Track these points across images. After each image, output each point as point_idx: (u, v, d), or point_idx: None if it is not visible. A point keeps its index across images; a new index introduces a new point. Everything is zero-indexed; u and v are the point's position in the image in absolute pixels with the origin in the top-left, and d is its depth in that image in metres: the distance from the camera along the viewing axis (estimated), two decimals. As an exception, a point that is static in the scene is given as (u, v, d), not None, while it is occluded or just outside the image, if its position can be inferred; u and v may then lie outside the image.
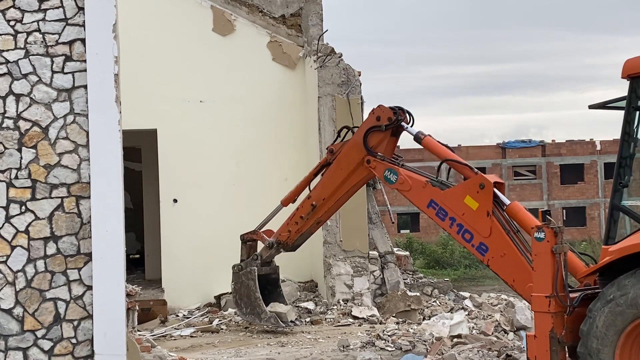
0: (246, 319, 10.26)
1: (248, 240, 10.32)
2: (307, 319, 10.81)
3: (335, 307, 11.71)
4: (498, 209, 7.44)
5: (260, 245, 10.34)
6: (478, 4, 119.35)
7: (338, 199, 9.00)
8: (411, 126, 8.39)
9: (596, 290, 6.74)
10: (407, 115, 8.40)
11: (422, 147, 8.37)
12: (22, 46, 7.21)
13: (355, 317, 11.07)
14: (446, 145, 8.17)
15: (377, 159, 8.29)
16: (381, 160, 8.26)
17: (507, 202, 7.48)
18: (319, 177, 9.35)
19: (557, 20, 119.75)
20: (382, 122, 8.32)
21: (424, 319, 11.12)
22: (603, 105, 7.17)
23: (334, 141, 9.21)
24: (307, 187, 9.42)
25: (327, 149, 9.13)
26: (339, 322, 10.99)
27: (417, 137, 8.22)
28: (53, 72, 7.22)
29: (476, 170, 7.70)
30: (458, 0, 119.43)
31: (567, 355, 6.73)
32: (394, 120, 8.27)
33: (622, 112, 6.75)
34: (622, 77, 6.67)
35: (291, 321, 10.16)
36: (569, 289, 6.76)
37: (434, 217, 7.78)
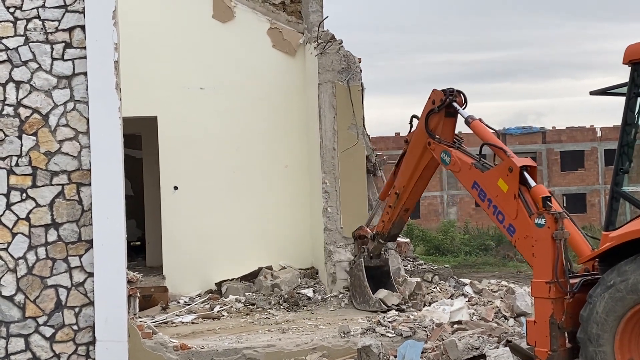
0: (360, 308, 10.66)
1: (358, 237, 10.84)
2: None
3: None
4: (528, 192, 7.57)
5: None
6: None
7: (415, 185, 9.35)
8: (464, 108, 8.63)
9: (596, 276, 6.76)
10: (462, 97, 8.66)
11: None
12: (22, 33, 7.19)
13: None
14: (494, 130, 8.38)
15: (435, 142, 8.64)
16: (438, 143, 8.62)
17: (534, 184, 7.59)
18: None
19: (555, 6, 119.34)
20: (436, 105, 8.66)
21: (424, 305, 11.14)
22: (604, 92, 7.16)
23: (409, 131, 9.50)
24: (394, 177, 9.81)
25: (404, 141, 9.54)
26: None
27: (467, 120, 8.53)
28: (53, 59, 7.21)
29: (509, 153, 7.85)
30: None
31: (567, 340, 6.75)
32: (444, 100, 8.55)
33: (622, 99, 6.73)
34: (624, 63, 6.66)
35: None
36: (570, 275, 6.78)
37: (477, 198, 8.03)
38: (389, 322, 9.38)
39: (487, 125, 8.39)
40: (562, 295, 6.68)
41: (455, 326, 9.25)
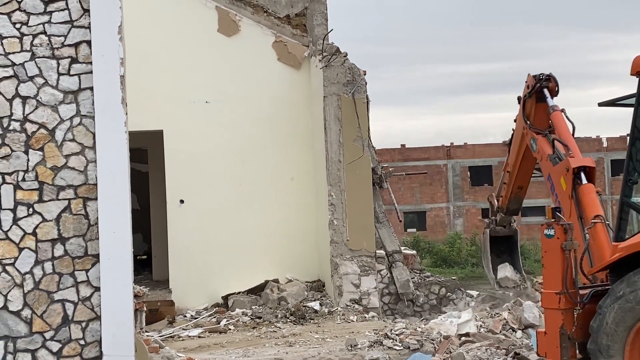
0: (486, 277, 10.41)
1: (490, 203, 10.37)
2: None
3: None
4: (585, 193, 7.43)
5: None
6: (480, 2, 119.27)
7: (522, 164, 9.12)
8: (555, 95, 8.36)
9: (606, 287, 6.72)
10: (555, 83, 8.37)
11: (429, 147, 8.47)
12: (28, 48, 7.21)
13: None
14: (572, 124, 8.10)
15: (527, 127, 8.46)
16: (529, 129, 8.42)
17: (584, 183, 7.46)
18: None
19: (558, 17, 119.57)
20: (528, 90, 8.45)
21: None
22: (612, 103, 7.15)
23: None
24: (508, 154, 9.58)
25: (513, 120, 9.29)
26: None
27: (548, 110, 8.26)
28: (59, 74, 7.22)
29: (571, 152, 7.69)
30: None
31: (577, 351, 6.71)
32: (535, 85, 8.33)
33: (631, 110, 6.71)
34: (632, 74, 6.64)
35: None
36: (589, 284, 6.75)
37: (549, 190, 7.89)
38: (397, 334, 9.34)
39: (567, 118, 8.11)
40: (572, 306, 6.64)
41: (463, 339, 9.20)
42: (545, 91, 8.30)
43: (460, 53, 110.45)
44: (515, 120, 9.02)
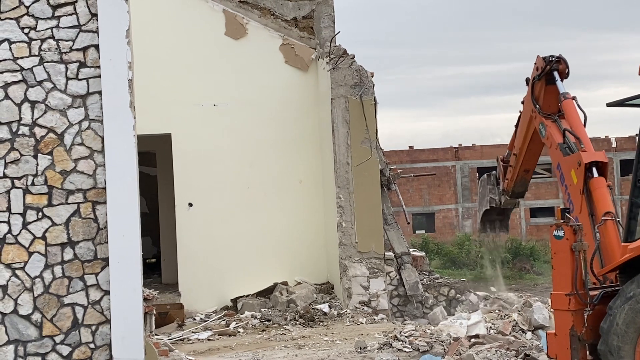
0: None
1: (501, 161, 9.88)
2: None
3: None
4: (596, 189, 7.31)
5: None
6: (485, 4, 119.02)
7: (529, 147, 8.83)
8: (565, 78, 8.12)
9: (616, 288, 6.69)
10: (565, 65, 8.12)
11: (437, 148, 8.35)
12: (37, 53, 7.23)
13: None
14: (584, 114, 7.86)
15: (535, 111, 8.22)
16: (538, 113, 8.19)
17: (595, 177, 7.35)
18: None
19: (565, 18, 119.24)
20: (538, 72, 8.20)
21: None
22: (621, 103, 7.12)
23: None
24: (514, 136, 9.27)
25: (520, 102, 8.98)
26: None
27: (559, 97, 8.02)
28: (67, 78, 7.24)
29: (584, 145, 7.54)
30: (465, 1, 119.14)
31: (587, 353, 6.68)
32: (544, 67, 8.08)
33: (638, 110, 6.69)
34: (639, 74, 6.62)
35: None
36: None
37: (558, 180, 7.74)
38: (406, 336, 9.33)
39: (579, 107, 7.85)
40: (582, 307, 6.62)
41: (473, 340, 9.18)
42: (555, 74, 8.06)
43: (467, 55, 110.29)
44: (522, 102, 8.75)
